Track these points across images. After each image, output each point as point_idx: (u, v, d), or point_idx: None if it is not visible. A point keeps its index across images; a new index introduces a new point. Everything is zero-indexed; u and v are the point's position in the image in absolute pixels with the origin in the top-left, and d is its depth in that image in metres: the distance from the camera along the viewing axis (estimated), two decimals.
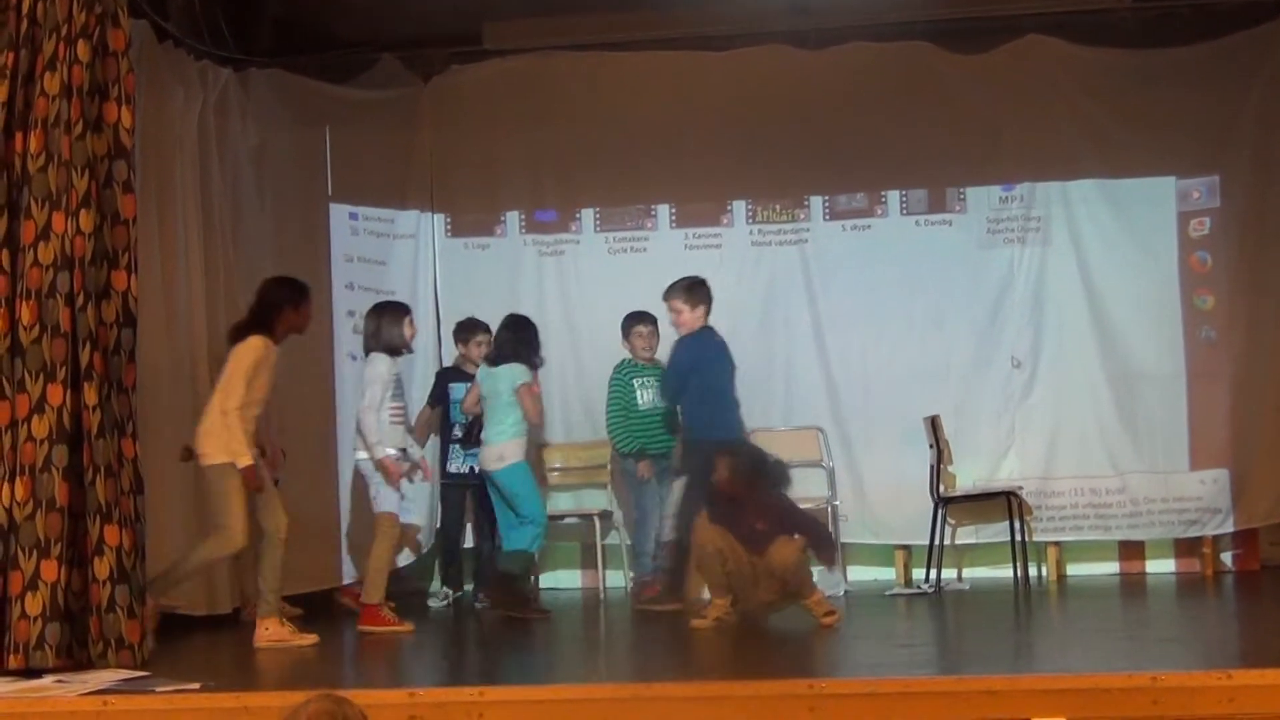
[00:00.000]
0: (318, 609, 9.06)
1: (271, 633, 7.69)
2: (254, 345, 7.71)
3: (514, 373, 8.55)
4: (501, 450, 8.54)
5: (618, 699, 5.81)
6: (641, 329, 9.17)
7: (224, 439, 7.60)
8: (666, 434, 9.09)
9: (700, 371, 8.55)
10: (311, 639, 7.67)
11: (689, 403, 8.62)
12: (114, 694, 6.06)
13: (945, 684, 5.75)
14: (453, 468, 9.28)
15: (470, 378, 9.04)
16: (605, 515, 9.59)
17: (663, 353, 9.15)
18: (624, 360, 9.27)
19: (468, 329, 9.24)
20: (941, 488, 9.34)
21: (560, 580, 9.86)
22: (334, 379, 9.55)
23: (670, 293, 8.67)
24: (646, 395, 9.16)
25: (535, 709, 5.82)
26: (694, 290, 8.65)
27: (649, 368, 9.18)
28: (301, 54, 9.77)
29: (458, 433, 9.18)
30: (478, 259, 10.04)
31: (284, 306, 7.89)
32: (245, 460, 7.59)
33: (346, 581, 9.38)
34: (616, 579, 9.56)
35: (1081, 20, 9.68)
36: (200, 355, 8.54)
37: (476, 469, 8.92)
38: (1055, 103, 9.70)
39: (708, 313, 8.67)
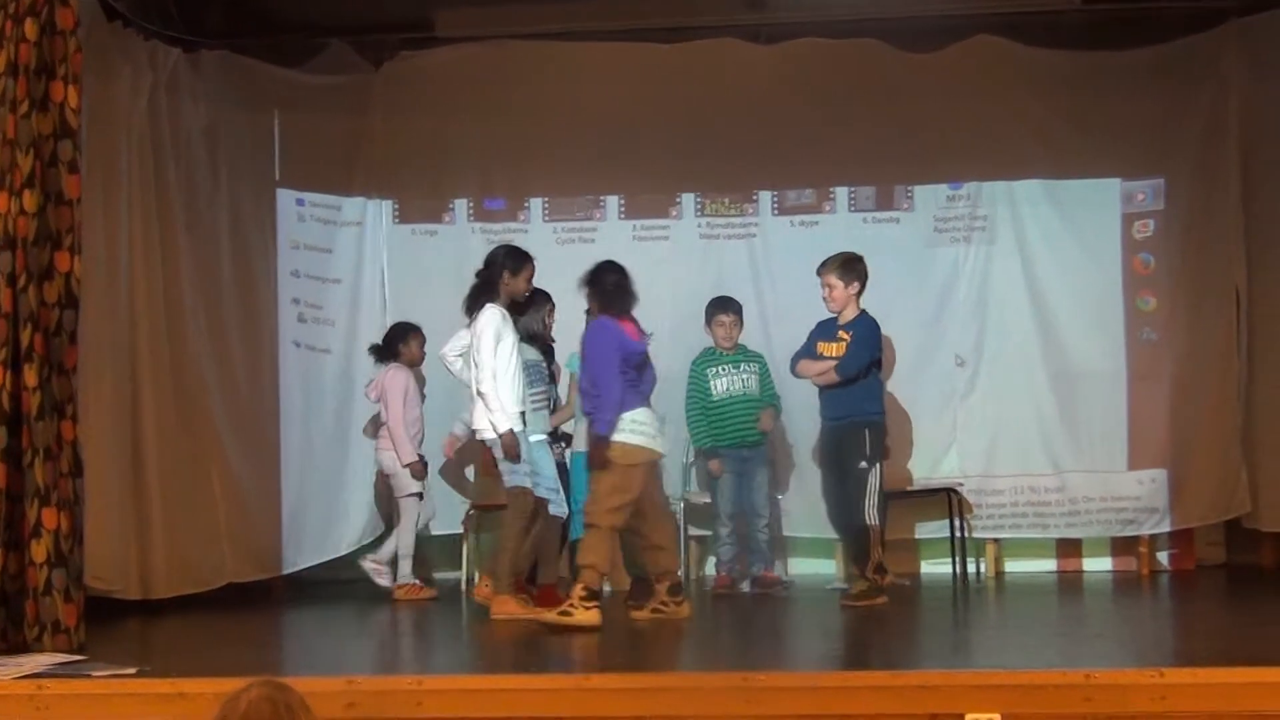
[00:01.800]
0: (259, 596, 9.05)
1: (510, 608, 7.80)
2: (490, 313, 7.82)
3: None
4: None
5: (557, 689, 5.81)
6: (724, 318, 9.09)
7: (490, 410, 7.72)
8: (750, 421, 9.02)
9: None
10: (547, 614, 7.53)
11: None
12: (49, 678, 6.01)
13: (882, 678, 5.77)
14: None
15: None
16: None
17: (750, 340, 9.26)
18: (704, 349, 9.23)
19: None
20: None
21: None
22: (278, 366, 9.50)
23: (824, 268, 8.51)
24: (721, 384, 9.08)
25: (474, 698, 5.81)
26: (849, 266, 8.47)
27: (727, 356, 9.11)
28: (252, 37, 9.70)
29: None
30: (425, 246, 10.00)
31: (503, 272, 7.97)
32: (504, 425, 7.70)
33: (287, 570, 9.34)
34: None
35: (1031, 21, 9.74)
36: (143, 337, 8.47)
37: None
38: (1003, 103, 9.75)
39: (861, 291, 8.48)
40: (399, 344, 9.16)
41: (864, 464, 8.28)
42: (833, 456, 8.49)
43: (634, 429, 7.61)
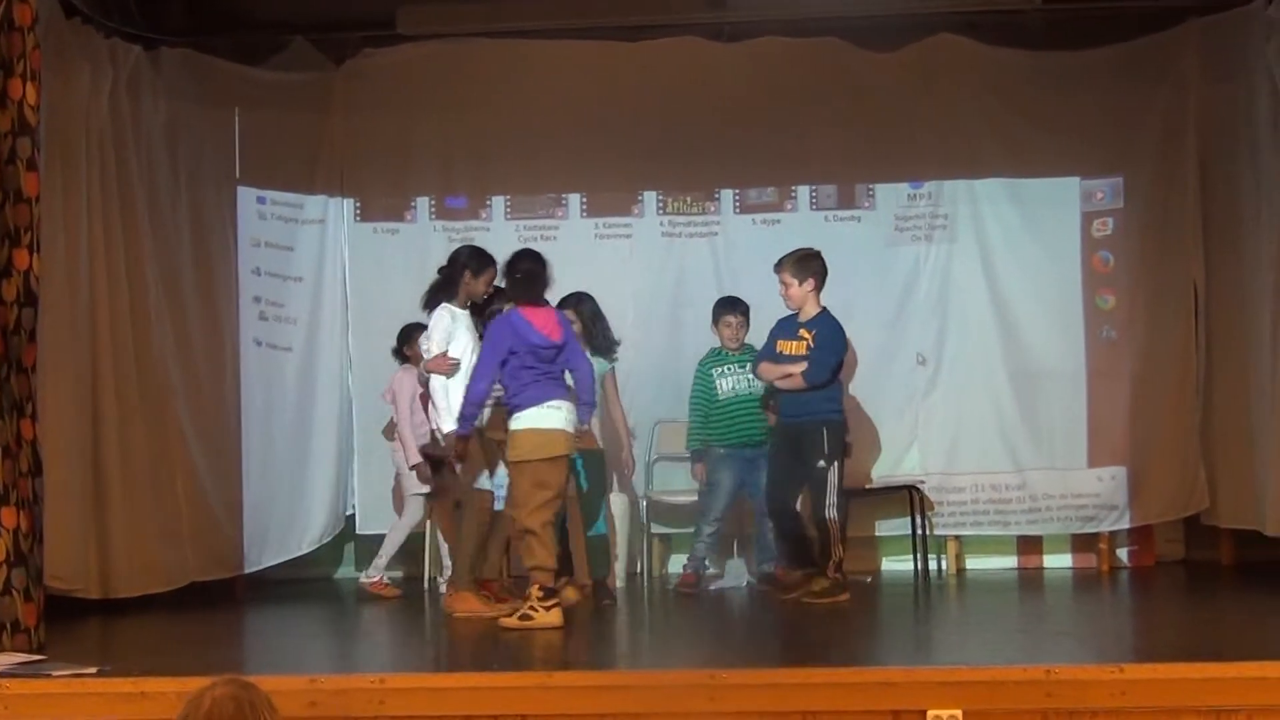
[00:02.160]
0: (221, 595, 9.01)
1: (470, 605, 7.82)
2: (440, 314, 8.00)
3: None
4: None
5: (520, 687, 5.81)
6: (731, 318, 9.03)
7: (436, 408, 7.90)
8: (754, 421, 8.99)
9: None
10: (502, 610, 7.67)
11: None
12: (9, 677, 5.97)
13: (844, 675, 5.79)
14: None
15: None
16: None
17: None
18: (710, 350, 9.20)
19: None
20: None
21: None
22: (239, 364, 9.45)
23: (779, 265, 8.53)
24: (726, 384, 9.04)
25: (437, 696, 5.80)
26: (803, 263, 8.48)
27: (733, 355, 9.06)
28: (212, 34, 9.66)
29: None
30: (387, 244, 9.96)
31: (464, 271, 8.04)
32: (447, 426, 7.80)
33: (249, 569, 9.30)
34: None
35: (992, 20, 9.77)
36: (104, 335, 8.42)
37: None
38: (964, 102, 9.77)
39: (820, 288, 8.49)
40: (404, 345, 9.12)
41: (823, 463, 8.31)
42: (789, 454, 8.50)
43: (548, 418, 7.52)
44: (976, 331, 9.76)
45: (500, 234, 9.96)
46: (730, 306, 9.11)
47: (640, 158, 9.86)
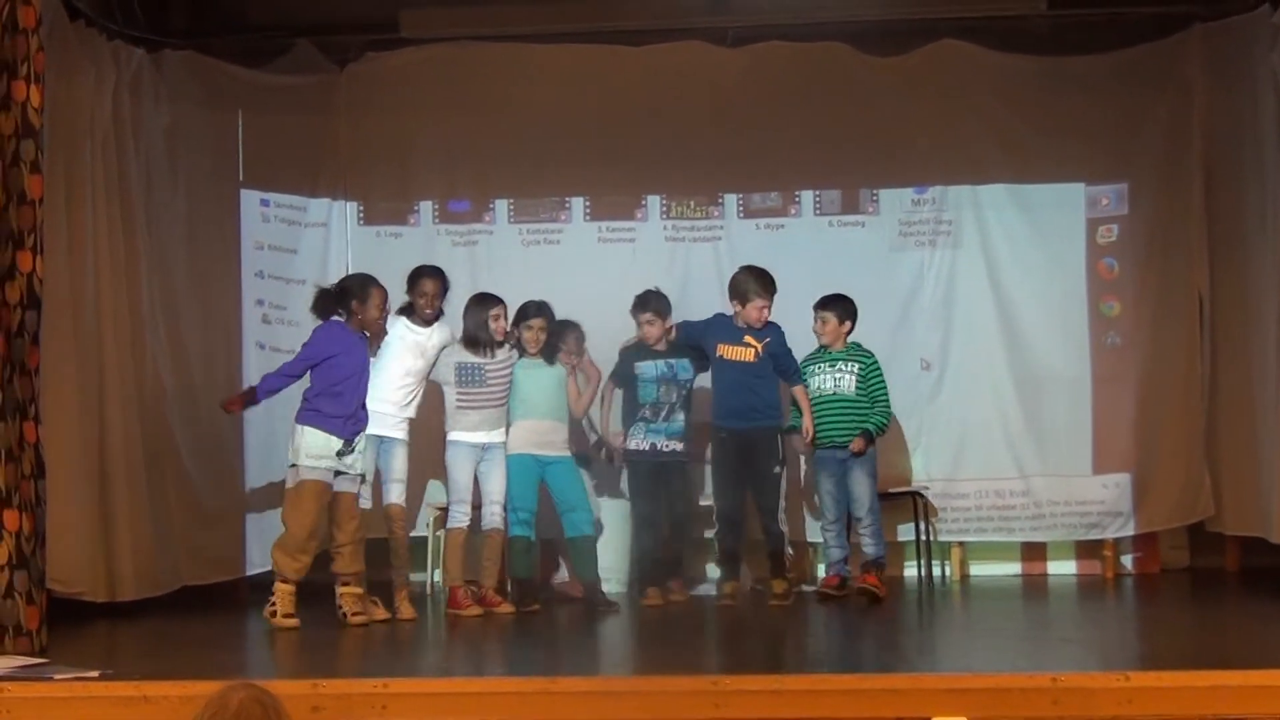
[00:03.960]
0: (223, 599, 9.00)
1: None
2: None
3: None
4: None
5: (523, 693, 5.82)
6: (827, 314, 8.90)
7: None
8: (838, 424, 8.83)
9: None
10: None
11: None
12: (11, 680, 5.98)
13: (849, 681, 5.78)
14: (632, 444, 8.91)
15: (658, 355, 8.88)
16: None
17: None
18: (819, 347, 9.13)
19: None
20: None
21: None
22: (241, 367, 9.45)
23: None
24: (814, 383, 8.89)
25: (439, 701, 5.81)
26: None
27: (828, 354, 8.93)
28: (216, 36, 9.67)
29: (648, 413, 8.86)
30: (390, 248, 9.94)
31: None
32: None
33: (251, 572, 9.29)
34: None
35: (996, 26, 9.75)
36: (108, 338, 8.43)
37: (658, 445, 8.81)
38: (968, 107, 9.77)
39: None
40: None
41: (778, 468, 8.64)
42: (741, 460, 8.65)
43: None
44: (981, 337, 9.75)
45: (504, 237, 9.99)
46: (826, 304, 8.93)
47: (644, 162, 9.86)
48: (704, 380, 9.03)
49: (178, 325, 9.05)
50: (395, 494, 8.45)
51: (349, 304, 8.28)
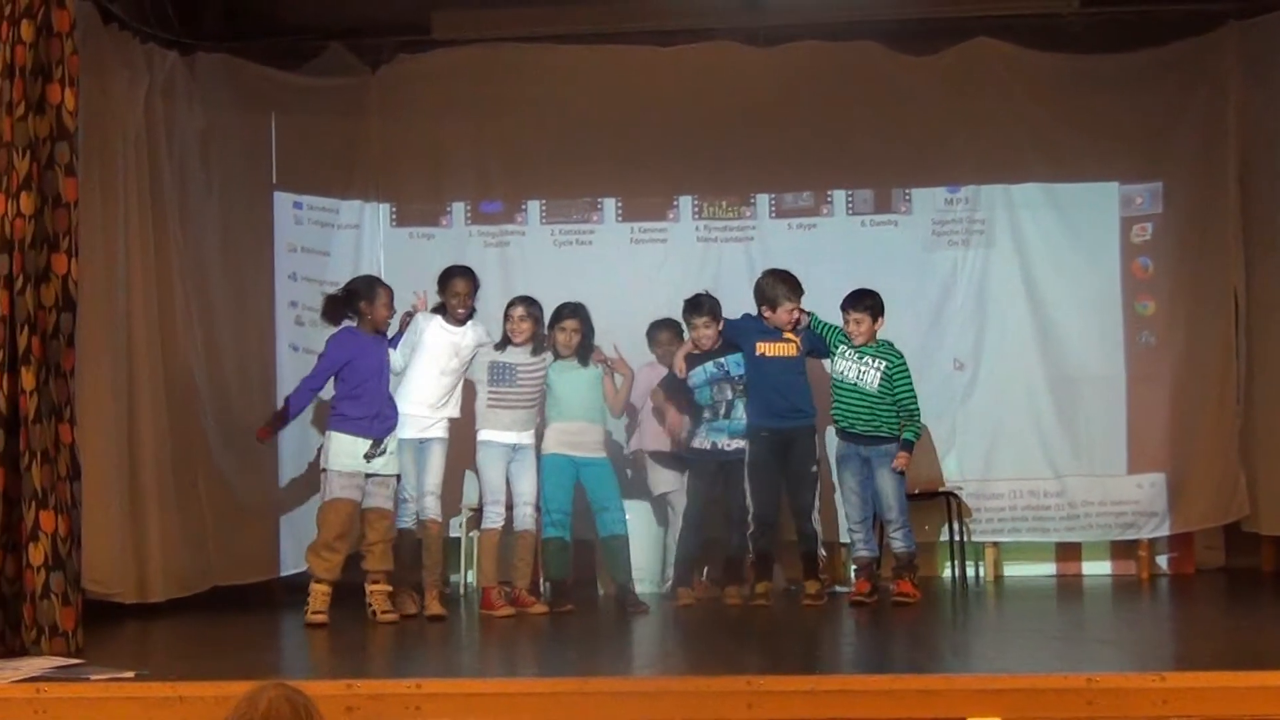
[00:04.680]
0: (258, 599, 9.04)
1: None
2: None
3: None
4: None
5: (557, 693, 5.82)
6: (856, 314, 8.70)
7: None
8: (861, 415, 8.71)
9: None
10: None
11: None
12: (47, 681, 6.02)
13: (883, 682, 5.78)
14: (695, 443, 8.89)
15: (706, 356, 8.84)
16: None
17: None
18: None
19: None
20: None
21: None
22: (275, 369, 9.48)
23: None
24: (838, 365, 8.76)
25: (473, 702, 5.82)
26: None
27: (856, 345, 8.79)
28: (249, 39, 9.71)
29: (706, 414, 8.82)
30: (422, 249, 9.97)
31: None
32: None
33: (285, 572, 9.33)
34: None
35: (1030, 24, 9.74)
36: (140, 340, 8.47)
37: (719, 444, 8.79)
38: (1001, 105, 9.74)
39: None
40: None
41: (815, 467, 8.68)
42: (779, 460, 8.65)
43: None
44: (1014, 337, 9.73)
45: (536, 238, 10.01)
46: (853, 302, 8.76)
47: (676, 162, 9.87)
48: None
49: (212, 327, 9.09)
50: (431, 508, 8.47)
51: (357, 306, 8.38)
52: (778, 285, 8.81)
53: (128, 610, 8.13)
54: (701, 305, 8.87)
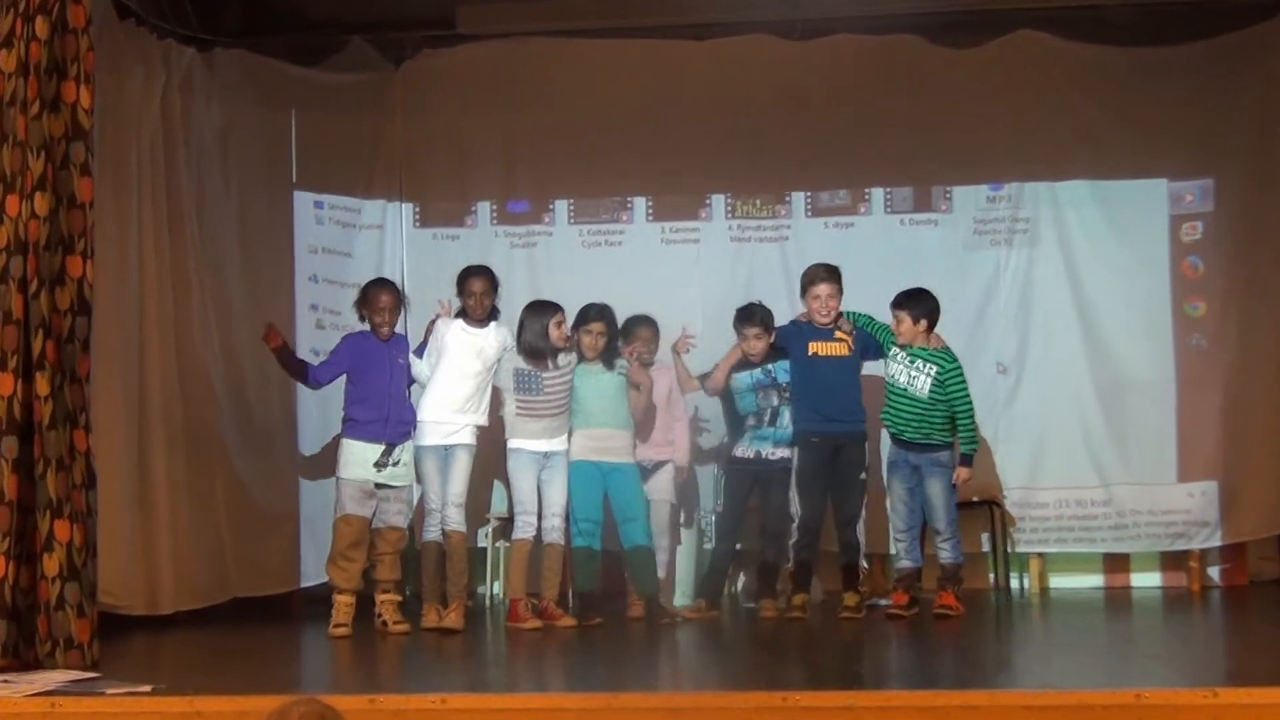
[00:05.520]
0: (277, 611, 9.06)
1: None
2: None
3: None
4: None
5: (586, 709, 5.81)
6: (901, 314, 8.66)
7: None
8: (912, 422, 8.69)
9: None
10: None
11: None
12: (62, 695, 6.05)
13: (924, 698, 5.76)
14: (738, 451, 8.89)
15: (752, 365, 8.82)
16: None
17: None
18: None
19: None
20: None
21: None
22: None
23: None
24: (891, 368, 8.72)
25: (498, 717, 5.83)
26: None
27: (907, 348, 8.73)
28: (268, 35, 9.74)
29: (751, 421, 8.82)
30: (447, 250, 9.98)
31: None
32: None
33: (305, 584, 9.35)
34: None
35: (1074, 15, 9.71)
36: (153, 344, 8.50)
37: (763, 452, 8.78)
38: (1046, 100, 9.72)
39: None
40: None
41: (863, 475, 8.68)
42: (828, 467, 8.64)
43: None
44: (1060, 340, 9.70)
45: (564, 238, 10.02)
46: (900, 303, 8.70)
47: (708, 160, 9.86)
48: None
49: (230, 330, 9.11)
50: (454, 518, 8.45)
51: (361, 312, 8.53)
52: (817, 269, 8.83)
53: (142, 623, 8.16)
54: (754, 315, 8.81)
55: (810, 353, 8.73)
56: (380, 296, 8.57)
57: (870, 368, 8.90)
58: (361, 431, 8.32)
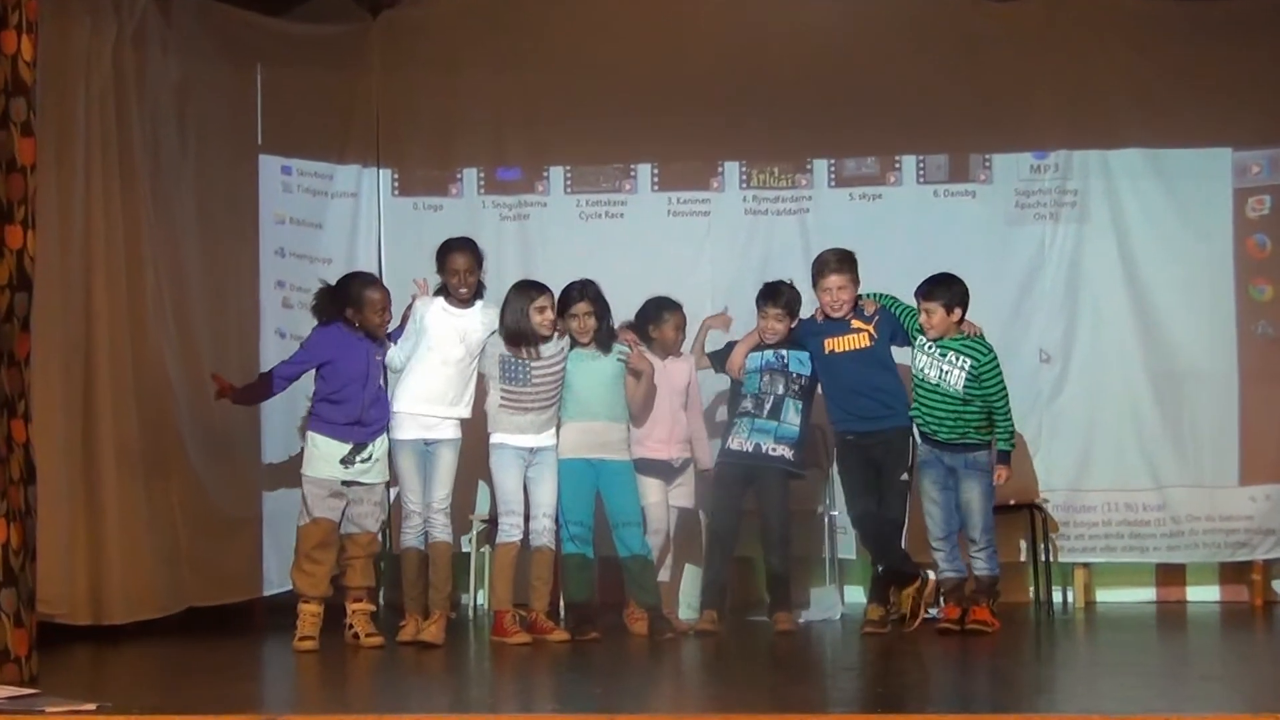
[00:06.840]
0: (238, 622, 9.06)
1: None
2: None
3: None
4: None
5: None
6: (928, 305, 8.59)
7: None
8: (943, 420, 8.66)
9: None
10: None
11: None
12: None
13: None
14: (733, 443, 8.86)
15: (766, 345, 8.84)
16: None
17: None
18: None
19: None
20: None
21: None
22: (258, 358, 9.49)
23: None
24: (919, 361, 8.69)
25: None
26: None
27: (937, 341, 8.70)
28: None
29: (749, 405, 8.82)
30: (428, 222, 9.99)
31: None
32: None
33: (268, 592, 9.34)
34: None
35: None
36: (101, 325, 8.47)
37: (763, 447, 8.75)
38: (1097, 60, 9.75)
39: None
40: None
41: (905, 475, 8.65)
42: (870, 467, 8.67)
43: None
44: (1111, 326, 9.74)
45: (559, 209, 10.03)
46: (925, 293, 8.63)
47: (721, 123, 9.89)
48: None
49: (186, 309, 9.08)
50: (439, 527, 8.43)
51: (345, 310, 8.44)
52: (827, 257, 8.80)
53: (87, 634, 8.14)
54: (780, 294, 8.79)
55: (827, 350, 8.72)
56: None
57: (898, 355, 8.87)
58: (329, 430, 8.34)
